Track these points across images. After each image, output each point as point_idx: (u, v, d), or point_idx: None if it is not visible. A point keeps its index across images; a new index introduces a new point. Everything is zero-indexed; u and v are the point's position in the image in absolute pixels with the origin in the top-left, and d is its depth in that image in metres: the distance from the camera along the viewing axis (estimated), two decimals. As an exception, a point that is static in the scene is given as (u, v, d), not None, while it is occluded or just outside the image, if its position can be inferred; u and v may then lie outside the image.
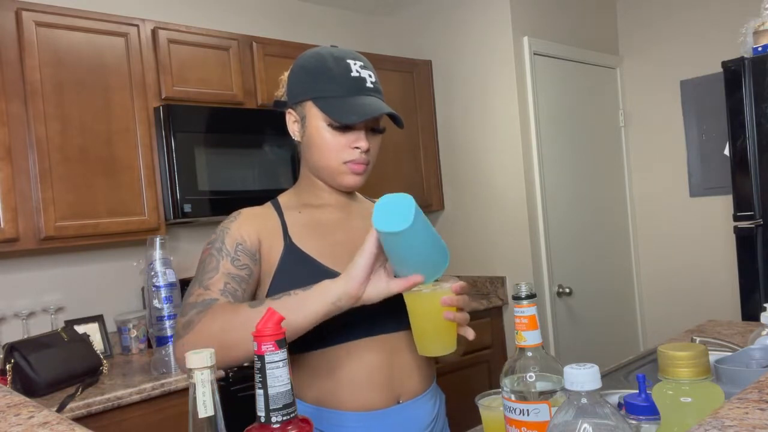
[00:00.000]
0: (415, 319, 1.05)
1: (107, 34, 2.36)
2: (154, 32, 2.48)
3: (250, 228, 1.18)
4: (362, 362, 1.13)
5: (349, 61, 1.17)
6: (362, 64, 1.19)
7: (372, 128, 1.20)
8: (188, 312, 1.07)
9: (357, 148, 1.17)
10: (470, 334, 1.06)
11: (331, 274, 1.13)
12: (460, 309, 1.04)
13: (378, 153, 1.24)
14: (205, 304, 1.07)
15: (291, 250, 1.17)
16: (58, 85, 2.23)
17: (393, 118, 1.18)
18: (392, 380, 1.15)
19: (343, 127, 1.17)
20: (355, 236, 1.23)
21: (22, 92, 2.16)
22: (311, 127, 1.19)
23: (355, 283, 0.97)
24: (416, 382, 1.18)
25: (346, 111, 1.14)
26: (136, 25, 2.44)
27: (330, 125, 1.17)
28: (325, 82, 1.16)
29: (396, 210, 0.92)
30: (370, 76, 1.19)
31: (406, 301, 1.05)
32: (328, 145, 1.18)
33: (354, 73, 1.16)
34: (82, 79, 2.29)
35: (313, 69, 1.18)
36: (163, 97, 2.48)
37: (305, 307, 1.00)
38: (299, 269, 1.15)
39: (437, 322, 1.02)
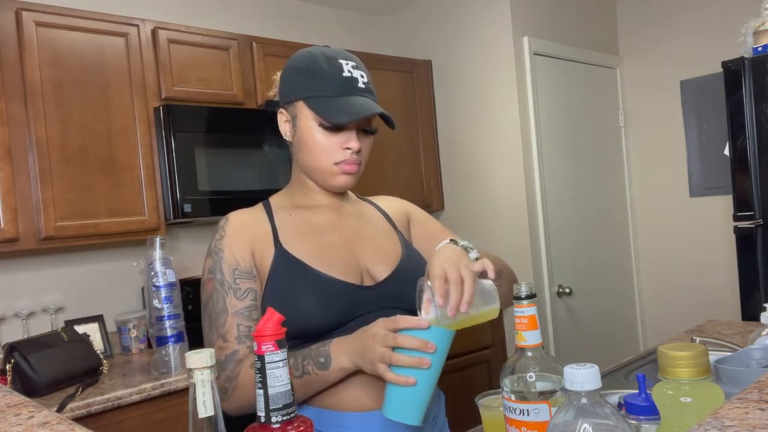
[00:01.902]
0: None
1: (107, 34, 2.36)
2: (154, 32, 2.48)
3: (240, 243, 1.16)
4: None
5: (341, 60, 1.17)
6: (354, 64, 1.18)
7: (364, 129, 1.20)
8: (219, 374, 1.10)
9: (348, 148, 1.17)
10: (490, 270, 1.02)
11: (323, 278, 1.13)
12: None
13: (370, 154, 1.23)
14: (228, 364, 1.11)
15: (282, 255, 1.16)
16: (58, 85, 2.23)
17: (385, 118, 1.17)
18: None
19: (334, 128, 1.16)
20: (347, 238, 1.22)
21: (22, 92, 2.16)
22: (302, 127, 1.19)
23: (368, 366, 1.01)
24: None
25: (337, 111, 1.13)
26: (136, 25, 2.44)
27: (321, 125, 1.16)
28: (316, 81, 1.16)
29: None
30: (362, 76, 1.18)
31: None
32: (319, 146, 1.17)
33: (346, 73, 1.16)
34: (82, 79, 2.29)
35: (304, 68, 1.18)
36: (163, 97, 2.48)
37: (327, 381, 1.07)
38: (291, 274, 1.14)
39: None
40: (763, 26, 2.42)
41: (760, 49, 2.41)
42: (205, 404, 0.70)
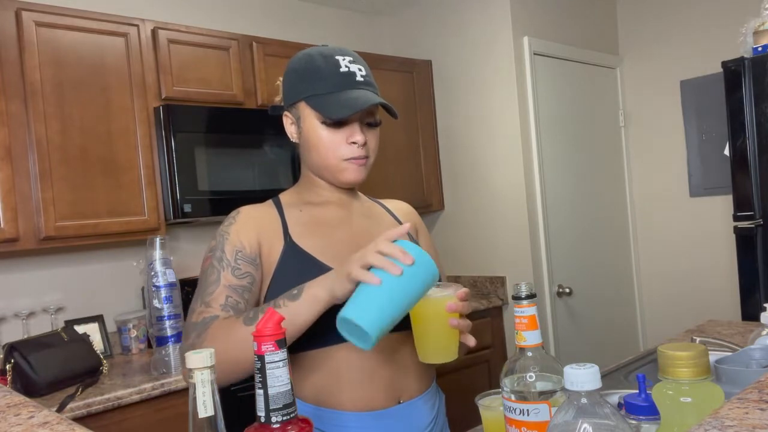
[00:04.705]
0: (419, 325, 1.05)
1: (107, 34, 2.36)
2: (154, 32, 2.48)
3: (249, 231, 1.17)
4: (362, 362, 1.13)
5: (337, 57, 1.18)
6: (351, 58, 1.20)
7: (368, 122, 1.21)
8: (190, 334, 1.09)
9: (353, 143, 1.18)
10: (471, 341, 1.06)
11: None
12: (462, 316, 1.05)
13: (377, 146, 1.24)
14: (204, 324, 1.08)
15: (291, 248, 1.17)
16: (58, 85, 2.23)
17: (386, 108, 1.18)
18: (392, 380, 1.15)
19: (338, 124, 1.17)
20: (356, 234, 1.23)
21: (22, 92, 2.16)
22: (306, 127, 1.20)
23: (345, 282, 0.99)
24: (416, 382, 1.18)
25: (337, 106, 1.14)
26: (136, 25, 2.44)
27: (324, 123, 1.17)
28: (314, 80, 1.17)
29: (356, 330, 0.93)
30: (360, 69, 1.19)
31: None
32: (325, 143, 1.18)
33: (343, 69, 1.17)
34: (82, 79, 2.29)
35: (302, 70, 1.20)
36: (163, 97, 2.48)
37: (299, 316, 1.02)
38: (300, 268, 1.15)
39: (441, 328, 1.02)
40: (763, 26, 2.42)
41: (760, 49, 2.41)
42: (205, 404, 0.70)
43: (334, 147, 1.18)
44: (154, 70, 2.48)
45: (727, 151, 2.51)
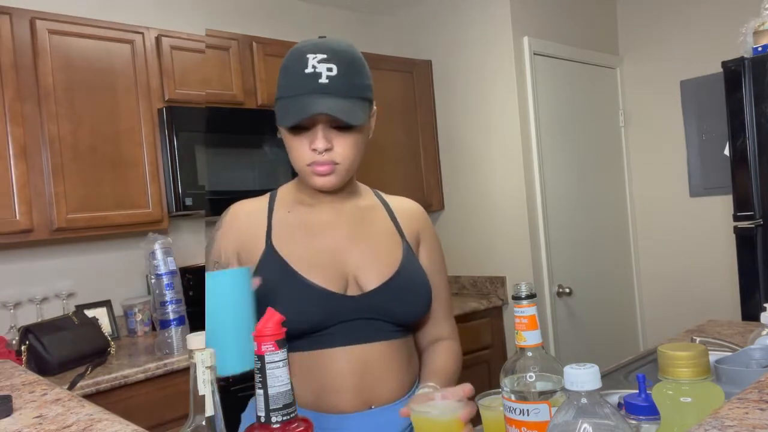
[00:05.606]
0: None
1: (115, 41, 2.46)
2: (157, 39, 2.56)
3: (229, 238, 1.18)
4: (333, 369, 1.12)
5: (308, 55, 1.09)
6: (324, 56, 1.08)
7: (337, 126, 1.10)
8: None
9: (315, 149, 1.11)
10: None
11: (304, 283, 1.11)
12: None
13: (353, 151, 1.14)
14: None
15: (270, 253, 1.14)
16: (70, 88, 2.34)
17: (338, 117, 1.07)
18: (362, 387, 1.13)
19: (299, 128, 1.11)
20: (341, 241, 1.19)
21: (36, 95, 2.27)
22: (281, 129, 1.16)
23: None
24: (389, 390, 1.16)
25: (287, 112, 1.09)
26: (141, 33, 2.53)
27: (285, 127, 1.12)
28: (283, 81, 1.12)
29: None
30: (329, 69, 1.08)
31: (414, 425, 0.97)
32: (291, 148, 1.14)
33: (308, 69, 1.08)
34: (92, 82, 2.40)
35: (282, 68, 1.14)
36: (166, 99, 2.56)
37: None
38: (274, 274, 1.12)
39: None
40: (763, 26, 2.43)
41: (760, 49, 2.41)
42: (205, 382, 0.72)
43: (299, 152, 1.12)
44: (158, 74, 2.56)
45: (727, 151, 2.51)
